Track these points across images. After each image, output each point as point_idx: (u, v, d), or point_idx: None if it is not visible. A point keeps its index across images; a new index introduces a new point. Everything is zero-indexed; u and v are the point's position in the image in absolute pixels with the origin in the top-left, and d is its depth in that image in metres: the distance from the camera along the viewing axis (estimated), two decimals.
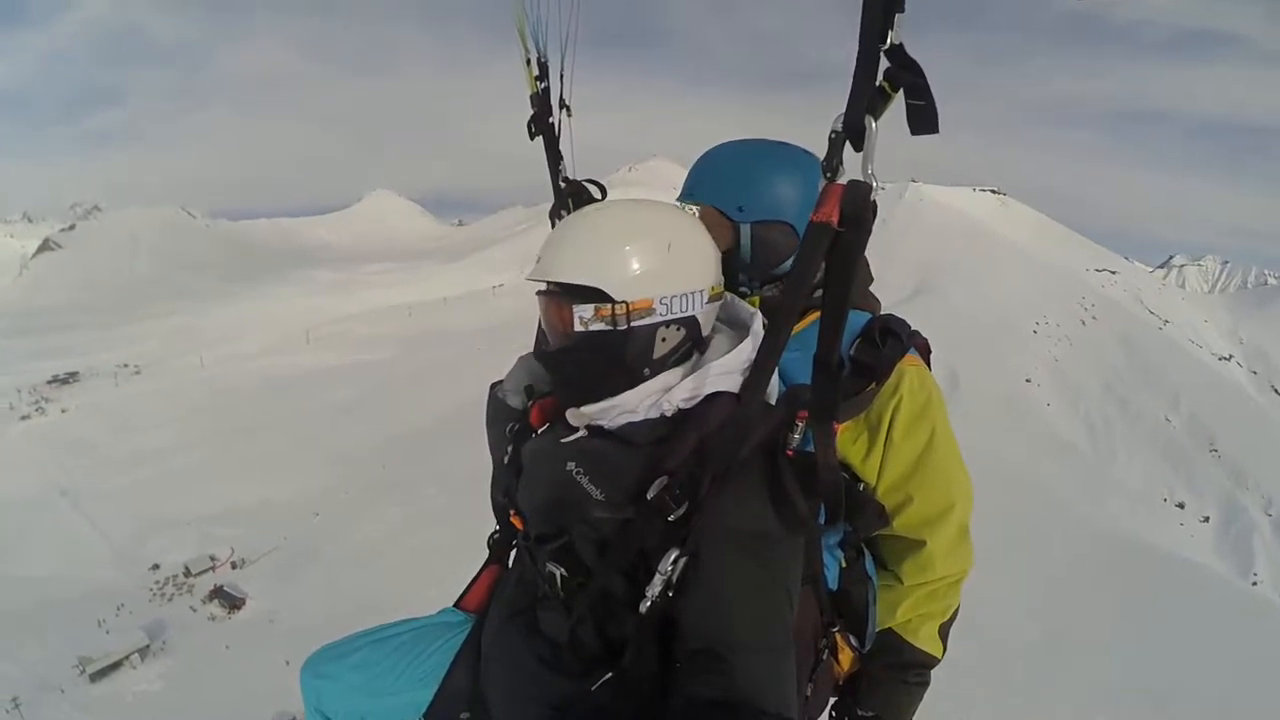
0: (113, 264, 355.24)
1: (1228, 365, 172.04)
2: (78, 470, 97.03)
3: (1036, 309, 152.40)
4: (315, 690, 2.31)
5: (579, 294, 1.79)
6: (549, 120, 2.69)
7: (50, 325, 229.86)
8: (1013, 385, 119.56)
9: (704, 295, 1.87)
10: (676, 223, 1.89)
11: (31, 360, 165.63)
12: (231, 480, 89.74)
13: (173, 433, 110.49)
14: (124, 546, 77.20)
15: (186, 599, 67.06)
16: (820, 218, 1.53)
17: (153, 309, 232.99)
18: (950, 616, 2.32)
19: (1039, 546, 51.77)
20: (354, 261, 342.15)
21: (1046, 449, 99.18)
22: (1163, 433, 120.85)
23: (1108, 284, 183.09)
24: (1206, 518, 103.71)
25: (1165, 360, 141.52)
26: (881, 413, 2.08)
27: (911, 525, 2.16)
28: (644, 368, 1.84)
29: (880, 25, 1.40)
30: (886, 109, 1.46)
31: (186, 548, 75.41)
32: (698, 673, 1.62)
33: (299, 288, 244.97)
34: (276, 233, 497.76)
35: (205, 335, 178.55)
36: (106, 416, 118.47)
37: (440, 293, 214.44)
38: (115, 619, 63.49)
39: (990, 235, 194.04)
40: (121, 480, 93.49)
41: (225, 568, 72.16)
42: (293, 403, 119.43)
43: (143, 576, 71.55)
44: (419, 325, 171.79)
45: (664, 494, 1.65)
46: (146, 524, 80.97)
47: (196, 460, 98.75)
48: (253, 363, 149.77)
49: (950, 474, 2.16)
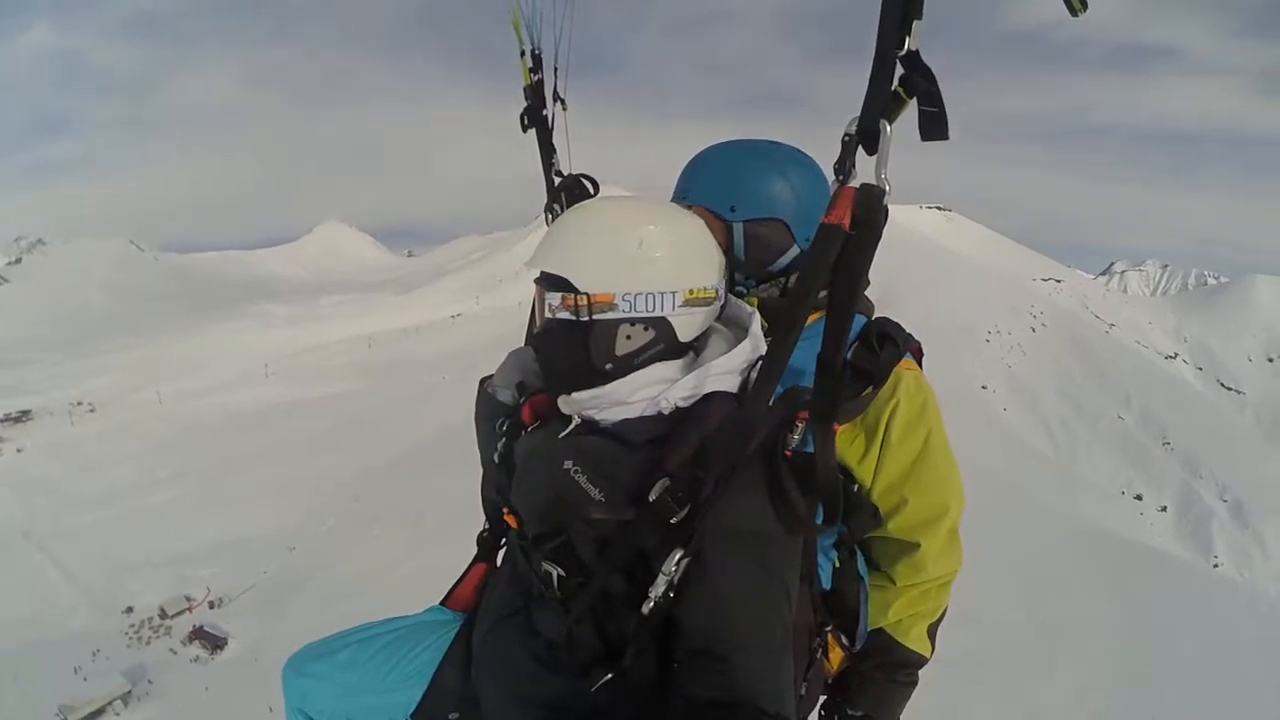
0: (62, 298, 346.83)
1: (1174, 363, 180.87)
2: (39, 511, 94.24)
3: (988, 318, 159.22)
4: (299, 690, 2.32)
5: (553, 283, 1.84)
6: (543, 113, 2.82)
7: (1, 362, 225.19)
8: (970, 393, 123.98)
9: (675, 298, 1.85)
10: (661, 220, 1.89)
11: None
12: (202, 518, 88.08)
13: (136, 471, 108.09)
14: (94, 589, 75.06)
15: (165, 641, 65.49)
16: (832, 220, 1.54)
17: (105, 344, 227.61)
18: (939, 617, 2.42)
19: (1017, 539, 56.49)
20: (307, 294, 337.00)
21: (1009, 450, 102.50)
22: (1117, 430, 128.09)
23: (1054, 292, 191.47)
24: (1164, 507, 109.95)
25: (1114, 362, 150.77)
26: (879, 416, 2.15)
27: (906, 527, 2.23)
28: (605, 363, 1.85)
29: (897, 31, 1.41)
30: (900, 114, 1.47)
31: (160, 588, 73.61)
32: (697, 672, 1.63)
33: (254, 321, 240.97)
34: (227, 265, 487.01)
35: (161, 370, 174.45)
36: (65, 455, 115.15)
37: (398, 323, 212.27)
38: (92, 664, 61.77)
39: (939, 250, 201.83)
40: (86, 520, 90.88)
41: (203, 607, 70.70)
42: (259, 437, 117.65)
43: (116, 619, 69.72)
44: (381, 356, 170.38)
45: (666, 496, 1.65)
46: (116, 565, 78.87)
47: (164, 498, 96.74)
48: (212, 398, 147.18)
49: (945, 477, 2.24)
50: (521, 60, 2.75)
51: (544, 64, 2.74)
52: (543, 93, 2.77)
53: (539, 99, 2.77)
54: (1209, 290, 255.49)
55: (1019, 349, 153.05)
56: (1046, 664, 39.98)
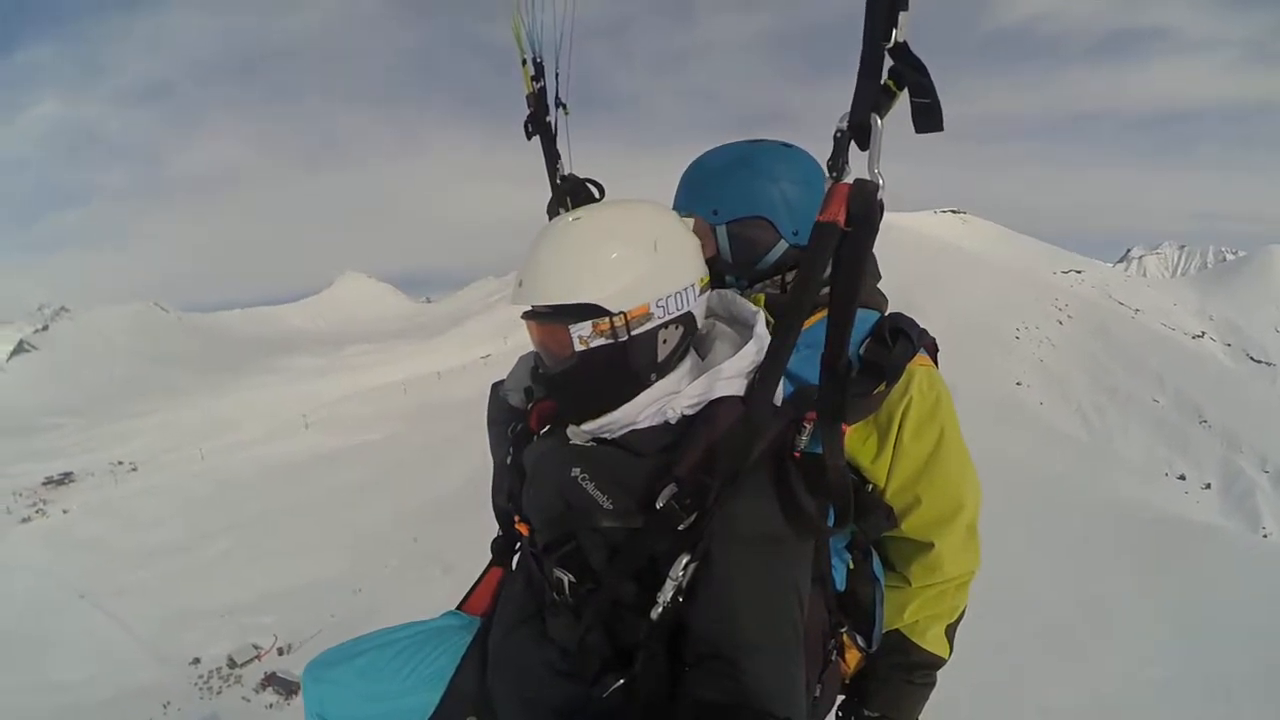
0: (91, 362, 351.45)
1: (1201, 342, 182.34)
2: (92, 570, 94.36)
3: (1015, 316, 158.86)
4: (318, 695, 2.31)
5: (573, 313, 1.76)
6: (546, 119, 2.81)
7: (34, 427, 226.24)
8: (1004, 390, 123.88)
9: (696, 289, 1.87)
10: (656, 220, 1.87)
11: (20, 463, 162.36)
12: (259, 567, 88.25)
13: (185, 526, 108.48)
14: (157, 643, 75.27)
15: (237, 690, 65.79)
16: (826, 218, 1.53)
17: (138, 405, 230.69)
18: (957, 617, 2.36)
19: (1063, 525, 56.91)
20: (333, 345, 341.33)
21: (1048, 442, 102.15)
22: (1153, 413, 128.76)
23: (1076, 283, 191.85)
24: (1208, 485, 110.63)
25: (1143, 346, 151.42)
26: (891, 414, 2.10)
27: (920, 527, 2.18)
28: (650, 373, 1.84)
29: (884, 23, 1.39)
30: (892, 107, 1.46)
31: (225, 639, 73.90)
32: (707, 676, 1.61)
33: (284, 375, 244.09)
34: (251, 322, 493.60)
35: (197, 428, 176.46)
36: (111, 514, 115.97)
37: (428, 368, 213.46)
38: (164, 718, 61.97)
39: (958, 252, 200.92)
40: (140, 577, 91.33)
41: (271, 654, 70.87)
42: (306, 487, 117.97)
43: (183, 671, 69.97)
44: (416, 401, 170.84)
45: (673, 503, 1.63)
46: (176, 618, 79.05)
47: (217, 551, 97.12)
48: (252, 451, 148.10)
49: (960, 475, 2.18)
50: (523, 69, 2.78)
51: (545, 71, 2.76)
52: (545, 100, 2.79)
53: (542, 106, 2.80)
54: (1229, 266, 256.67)
55: (1048, 343, 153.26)
56: (1102, 638, 39.72)
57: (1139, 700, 36.09)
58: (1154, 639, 39.62)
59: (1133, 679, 36.86)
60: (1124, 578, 48.08)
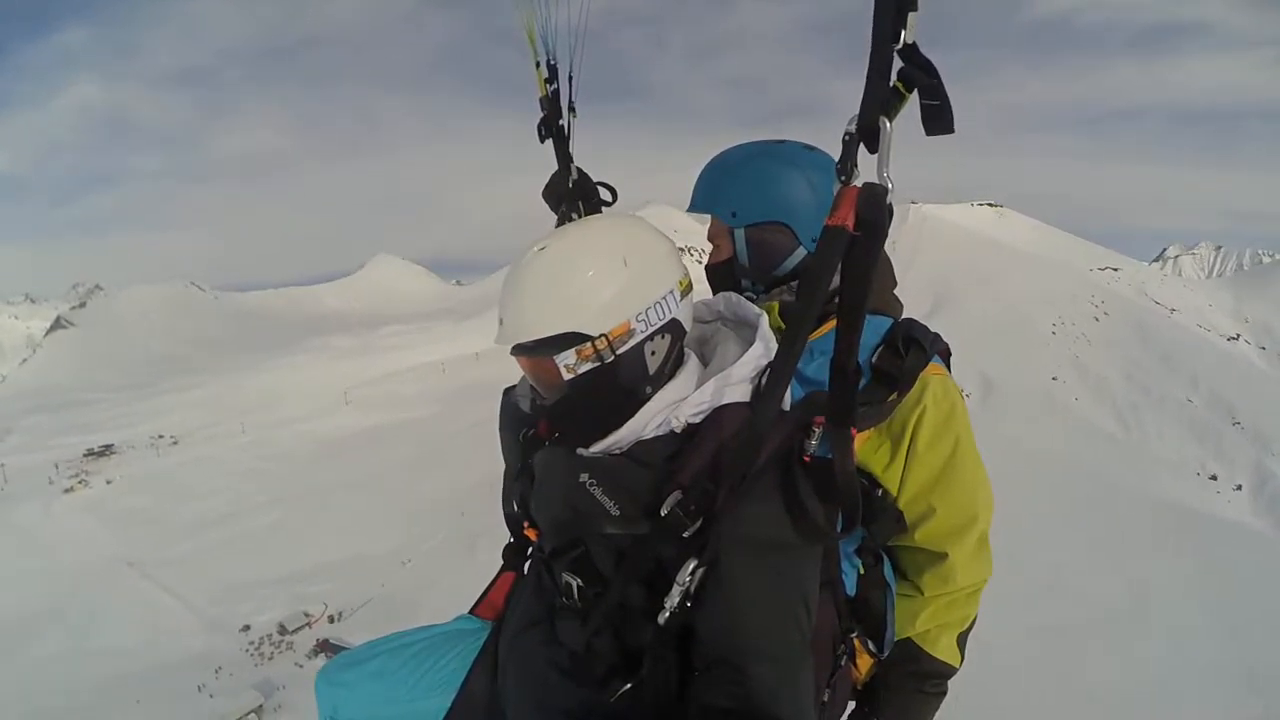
0: (128, 339, 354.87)
1: (1236, 344, 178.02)
2: (139, 539, 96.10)
3: (1051, 311, 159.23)
4: (331, 698, 2.31)
5: (555, 344, 1.77)
6: (559, 122, 2.77)
7: (72, 401, 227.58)
8: (1041, 384, 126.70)
9: (676, 295, 1.85)
10: (621, 232, 1.87)
11: (60, 436, 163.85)
12: (308, 539, 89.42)
13: (231, 499, 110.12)
14: (207, 611, 76.55)
15: (290, 655, 66.68)
16: (835, 222, 1.50)
17: (176, 382, 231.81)
18: (968, 626, 2.31)
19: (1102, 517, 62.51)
20: (368, 325, 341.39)
21: (1085, 437, 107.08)
22: (1187, 413, 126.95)
23: (1112, 281, 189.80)
24: (1239, 485, 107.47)
25: (1179, 346, 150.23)
26: (905, 423, 2.06)
27: (933, 537, 2.14)
28: (645, 386, 1.84)
29: (893, 24, 1.38)
30: (901, 109, 1.45)
31: (276, 607, 74.95)
32: (714, 682, 1.62)
33: (321, 353, 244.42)
34: (285, 301, 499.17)
35: (237, 404, 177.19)
36: (155, 486, 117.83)
37: (464, 350, 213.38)
38: (216, 682, 63.09)
39: (995, 246, 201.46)
40: (188, 547, 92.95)
41: (322, 622, 71.77)
42: (350, 462, 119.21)
43: (234, 639, 70.98)
44: (456, 381, 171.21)
45: (678, 510, 1.64)
46: (226, 588, 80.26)
47: (265, 523, 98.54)
48: (296, 427, 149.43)
49: (973, 485, 2.14)
50: (537, 71, 2.78)
51: (559, 74, 2.76)
52: (558, 103, 2.78)
53: (555, 109, 2.78)
54: (1265, 269, 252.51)
55: (1084, 339, 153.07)
56: (1142, 624, 42.78)
57: (1178, 683, 38.54)
58: (1193, 627, 42.81)
59: (1172, 663, 39.89)
60: (1165, 569, 51.44)
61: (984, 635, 2.30)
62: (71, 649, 70.61)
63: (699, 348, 2.04)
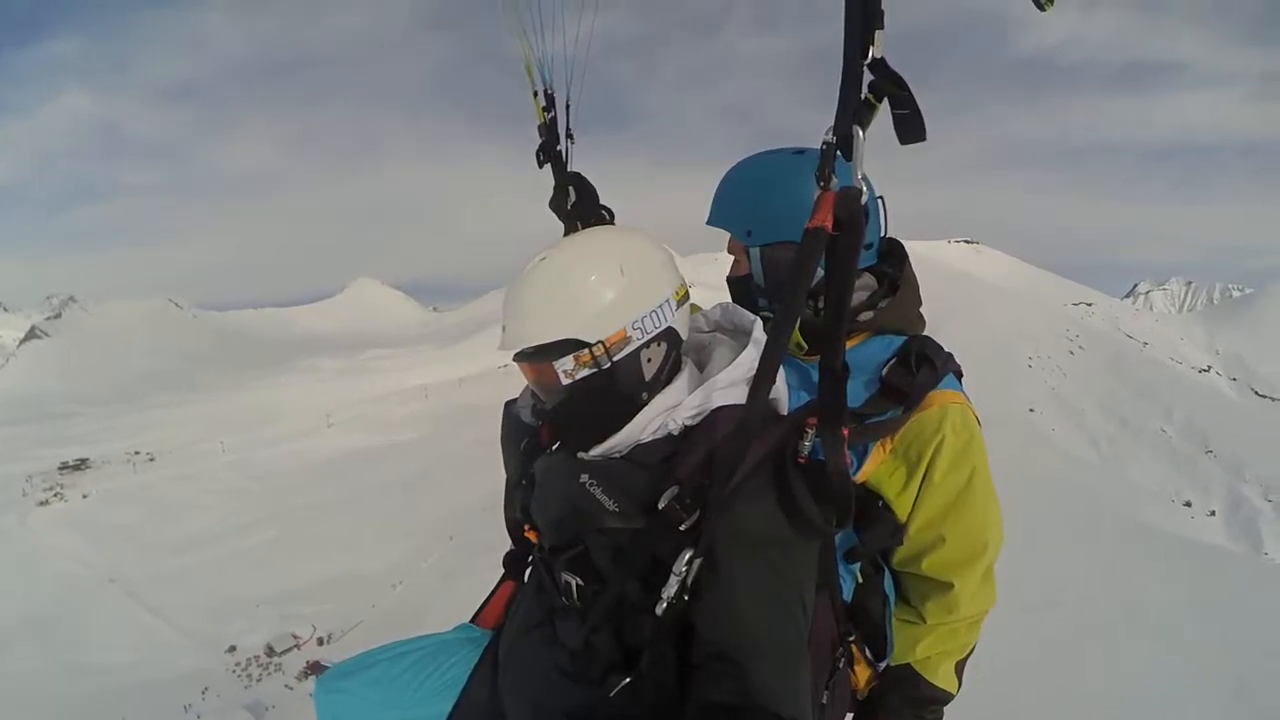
0: (104, 353, 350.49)
1: (1208, 376, 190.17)
2: (121, 555, 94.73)
3: (1027, 345, 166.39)
4: (330, 706, 2.33)
5: (554, 350, 1.82)
6: (556, 149, 2.85)
7: (46, 414, 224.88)
8: (1018, 415, 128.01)
9: (672, 304, 1.89)
10: (619, 243, 1.92)
11: (34, 448, 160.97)
12: (297, 560, 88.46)
13: (216, 516, 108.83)
14: (193, 630, 75.45)
15: (279, 677, 65.62)
16: (815, 223, 1.57)
17: (154, 399, 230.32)
18: (967, 654, 2.34)
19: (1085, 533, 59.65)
20: (348, 348, 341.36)
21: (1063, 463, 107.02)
22: (1162, 442, 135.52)
23: (1086, 315, 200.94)
24: (1213, 512, 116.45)
25: (1152, 378, 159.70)
26: (922, 450, 2.06)
27: (941, 566, 2.15)
28: (641, 392, 1.89)
29: (861, 40, 1.46)
30: (873, 119, 1.53)
31: (263, 628, 73.93)
32: (712, 677, 1.62)
33: (302, 375, 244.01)
34: (264, 322, 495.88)
35: (217, 423, 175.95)
36: (135, 502, 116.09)
37: (447, 375, 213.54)
38: (203, 703, 61.72)
39: (973, 281, 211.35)
40: (172, 564, 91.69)
41: (311, 644, 71.01)
42: (338, 484, 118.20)
43: (220, 659, 70.05)
44: (440, 406, 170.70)
45: (674, 504, 1.67)
46: (211, 606, 79.25)
47: (254, 542, 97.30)
48: (279, 448, 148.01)
49: (985, 516, 2.15)
50: (534, 100, 2.82)
51: (556, 102, 2.81)
52: (556, 130, 2.84)
53: (553, 136, 2.84)
54: (1235, 303, 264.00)
55: (1060, 371, 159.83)
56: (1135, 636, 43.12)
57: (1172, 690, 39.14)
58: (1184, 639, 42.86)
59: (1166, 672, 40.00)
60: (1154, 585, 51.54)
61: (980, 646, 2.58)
62: (57, 664, 69.56)
63: (696, 356, 2.10)
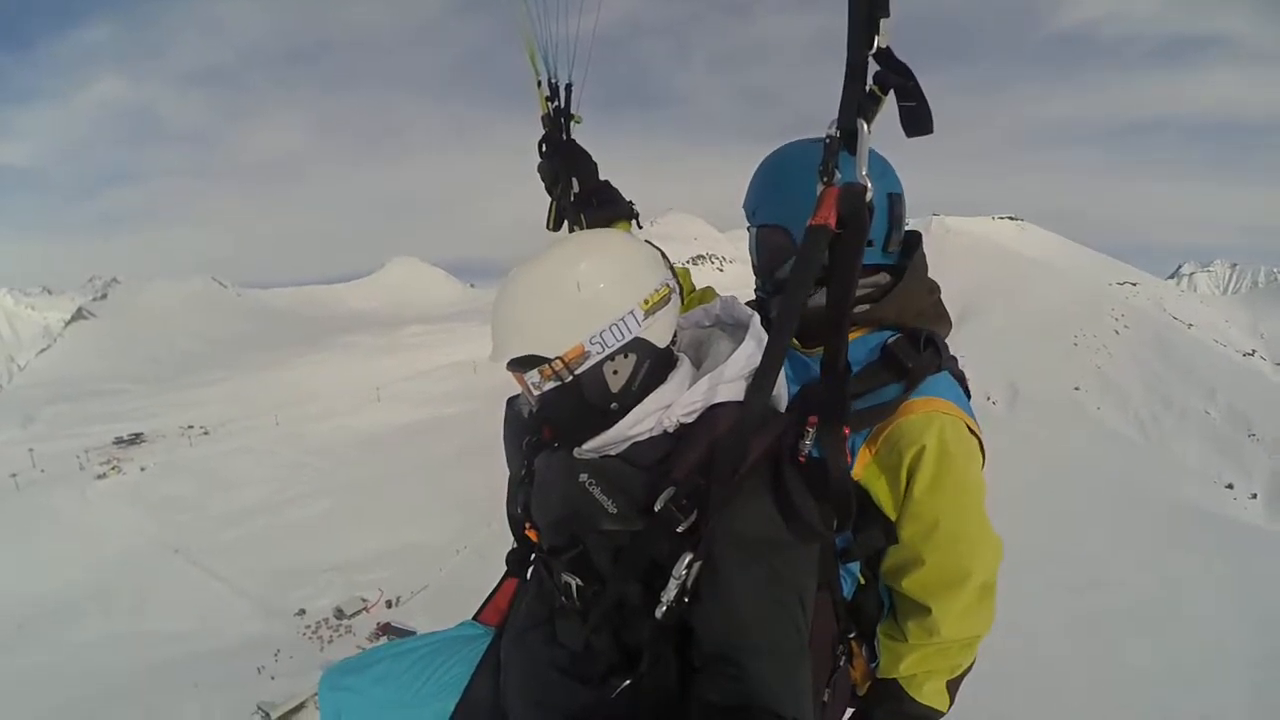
0: (150, 332, 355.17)
1: (1252, 360, 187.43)
2: (183, 526, 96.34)
3: (1073, 323, 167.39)
4: (334, 703, 2.34)
5: (522, 363, 1.85)
6: (560, 138, 2.88)
7: (95, 391, 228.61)
8: (1065, 393, 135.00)
9: (637, 314, 1.84)
10: (578, 259, 1.87)
11: (86, 424, 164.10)
12: (358, 529, 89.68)
13: (275, 488, 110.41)
14: (261, 597, 76.76)
15: (350, 639, 66.41)
16: (818, 221, 1.57)
17: (202, 375, 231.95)
18: (960, 674, 2.24)
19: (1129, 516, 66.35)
20: (390, 325, 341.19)
21: (1107, 444, 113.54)
22: (1205, 424, 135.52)
23: (1131, 295, 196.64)
24: (1255, 494, 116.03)
25: (1197, 360, 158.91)
26: (901, 456, 1.98)
27: (918, 589, 2.06)
28: (610, 403, 1.86)
29: (866, 29, 1.45)
30: (878, 112, 1.52)
31: (330, 593, 75.19)
32: (713, 678, 1.62)
33: (347, 351, 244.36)
34: (306, 300, 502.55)
35: (267, 398, 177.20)
36: (193, 474, 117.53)
37: (483, 352, 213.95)
38: (276, 665, 62.85)
39: (1017, 258, 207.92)
40: (234, 534, 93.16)
41: (380, 607, 71.99)
42: (394, 456, 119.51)
43: (289, 623, 71.13)
44: (489, 381, 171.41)
45: (670, 505, 1.66)
46: (276, 574, 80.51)
47: (314, 512, 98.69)
48: (331, 421, 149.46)
49: (971, 541, 2.04)
50: (538, 89, 2.83)
51: (559, 91, 2.82)
52: (559, 120, 2.85)
53: (557, 126, 2.85)
54: None
55: (1105, 351, 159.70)
56: (1175, 615, 45.73)
57: (1209, 665, 41.13)
58: (1223, 618, 45.51)
59: (1204, 650, 42.40)
60: (1195, 565, 54.48)
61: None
62: (121, 632, 70.88)
63: (695, 351, 2.10)
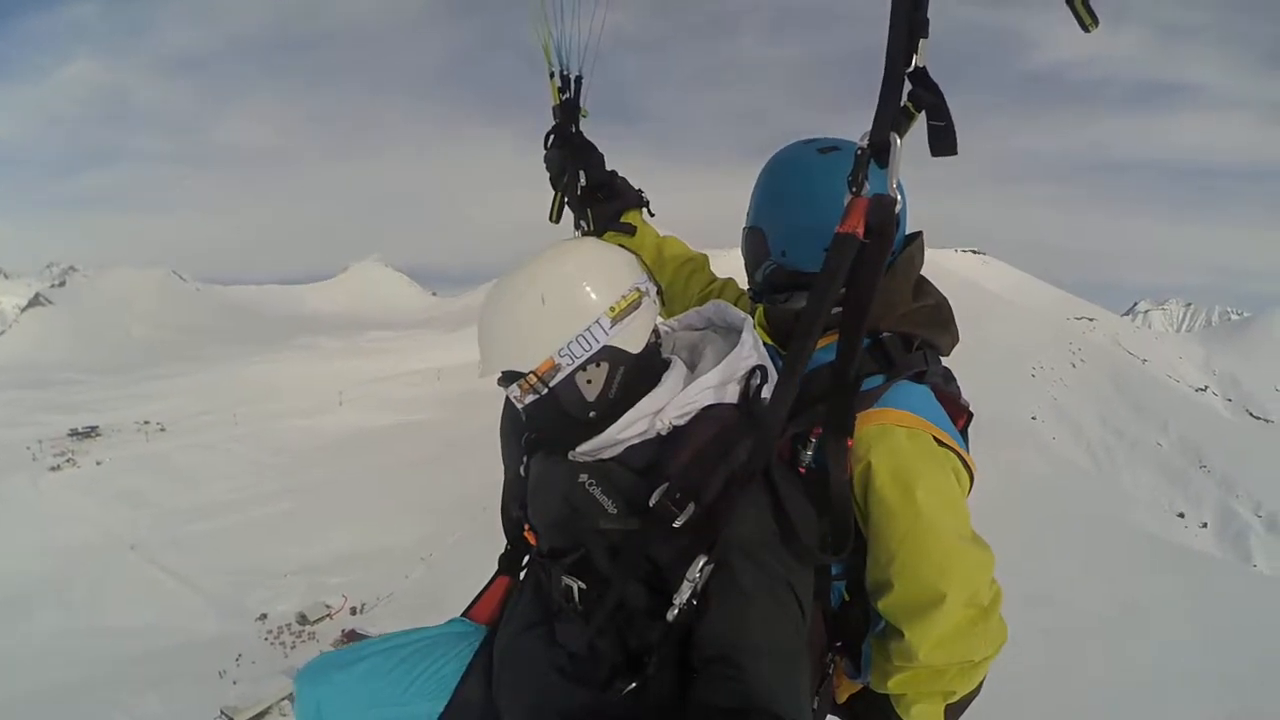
0: (107, 322, 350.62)
1: (1204, 395, 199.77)
2: (139, 523, 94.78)
3: (1031, 355, 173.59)
4: (315, 700, 2.24)
5: (504, 378, 1.92)
6: (571, 130, 2.91)
7: (51, 380, 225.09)
8: (1020, 422, 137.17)
9: (603, 323, 1.85)
10: (542, 273, 1.90)
11: (41, 414, 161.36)
12: (322, 531, 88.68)
13: (234, 486, 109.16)
14: (220, 596, 75.65)
15: (313, 645, 65.28)
16: (846, 229, 1.60)
17: (160, 369, 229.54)
18: (961, 699, 2.06)
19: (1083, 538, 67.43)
20: (351, 329, 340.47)
21: (1060, 472, 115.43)
22: (1157, 455, 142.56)
23: (1088, 330, 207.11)
24: (1205, 524, 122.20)
25: (1150, 394, 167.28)
26: (853, 473, 1.90)
27: (891, 612, 1.95)
28: (588, 412, 1.90)
29: (905, 48, 1.51)
30: (910, 128, 1.57)
31: (292, 596, 74.26)
32: (713, 680, 1.61)
33: (308, 352, 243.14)
34: (268, 299, 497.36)
35: (227, 395, 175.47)
36: (149, 470, 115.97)
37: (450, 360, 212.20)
38: (238, 669, 62.07)
39: (979, 291, 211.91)
40: (193, 531, 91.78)
41: (344, 613, 71.10)
42: (358, 459, 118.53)
43: (250, 627, 70.07)
44: (454, 388, 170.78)
45: (665, 499, 1.68)
46: (236, 575, 79.43)
47: (276, 512, 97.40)
48: (292, 422, 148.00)
49: (935, 562, 1.87)
50: (550, 81, 2.88)
51: (571, 85, 2.88)
52: (570, 111, 2.90)
53: (568, 118, 2.91)
54: (1234, 325, 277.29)
55: (1061, 383, 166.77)
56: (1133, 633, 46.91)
57: (1166, 683, 41.73)
58: (1178, 637, 46.23)
59: (1161, 666, 43.00)
60: (1151, 586, 55.47)
61: None
62: (75, 625, 69.84)
63: (689, 355, 2.12)
